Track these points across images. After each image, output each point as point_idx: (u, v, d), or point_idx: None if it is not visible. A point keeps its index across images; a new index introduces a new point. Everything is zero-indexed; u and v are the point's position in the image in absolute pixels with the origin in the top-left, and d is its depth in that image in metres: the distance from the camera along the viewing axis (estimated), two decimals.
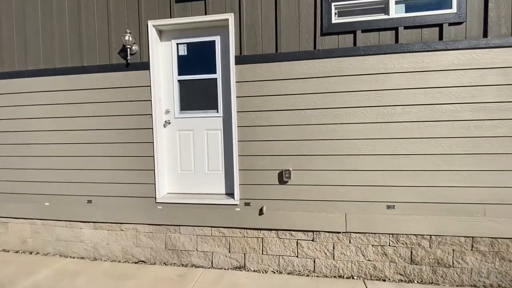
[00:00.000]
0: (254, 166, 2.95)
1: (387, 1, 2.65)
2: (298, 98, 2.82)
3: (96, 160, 3.24)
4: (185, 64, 3.19)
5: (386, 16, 2.65)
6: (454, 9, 2.55)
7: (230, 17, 2.87)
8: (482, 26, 2.55)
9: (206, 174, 3.22)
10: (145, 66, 3.08)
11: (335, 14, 2.74)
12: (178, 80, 3.21)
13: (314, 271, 2.91)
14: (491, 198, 2.61)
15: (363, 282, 2.77)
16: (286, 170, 2.86)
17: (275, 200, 2.93)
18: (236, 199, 2.98)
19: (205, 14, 2.94)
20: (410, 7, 2.67)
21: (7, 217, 3.54)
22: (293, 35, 2.81)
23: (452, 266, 2.71)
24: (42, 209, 3.41)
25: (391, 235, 2.78)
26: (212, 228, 3.07)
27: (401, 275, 2.79)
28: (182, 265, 3.12)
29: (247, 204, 2.98)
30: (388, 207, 2.75)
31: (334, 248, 2.87)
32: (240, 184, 2.98)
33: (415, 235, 2.74)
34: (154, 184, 3.13)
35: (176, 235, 3.14)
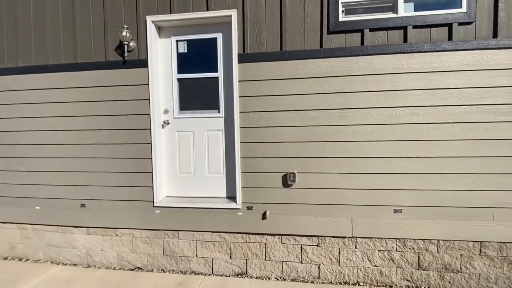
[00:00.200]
0: (257, 168, 2.84)
1: None
2: (304, 98, 2.73)
3: (90, 162, 3.08)
4: (185, 62, 3.06)
5: (394, 15, 2.58)
6: (463, 8, 2.49)
7: (233, 13, 2.76)
8: (492, 27, 2.49)
9: (206, 177, 3.09)
10: (143, 64, 2.94)
11: (342, 12, 2.65)
12: (178, 79, 3.08)
13: (319, 278, 2.82)
14: (500, 202, 2.55)
15: None
16: (290, 173, 2.76)
17: (279, 204, 2.82)
18: (238, 203, 2.87)
19: (206, 10, 2.82)
20: (418, 6, 2.60)
21: None
22: (298, 33, 2.71)
23: (460, 272, 2.65)
24: (33, 213, 3.23)
25: (398, 240, 2.70)
26: (213, 233, 2.95)
27: (408, 281, 2.71)
28: (181, 272, 2.98)
29: (250, 208, 2.87)
30: (395, 211, 2.68)
31: (339, 254, 2.78)
32: (242, 187, 2.87)
33: (422, 240, 2.67)
34: (152, 187, 2.99)
35: (174, 240, 3.00)
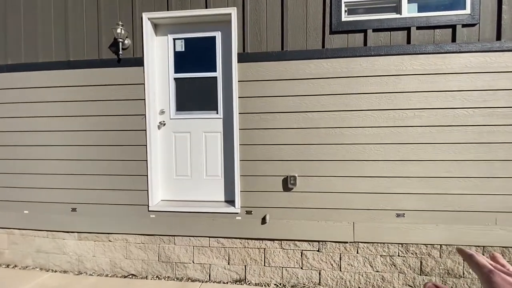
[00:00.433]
0: (256, 171, 2.76)
1: None
2: (305, 99, 2.66)
3: (82, 164, 2.95)
4: (182, 61, 2.96)
5: (398, 16, 2.53)
6: (467, 10, 2.45)
7: (233, 11, 2.68)
8: (495, 29, 2.46)
9: (204, 180, 2.99)
10: (138, 62, 2.83)
11: (345, 11, 2.59)
12: (175, 78, 2.98)
13: (320, 284, 2.74)
14: (503, 206, 2.52)
15: None
16: (291, 176, 2.68)
17: (279, 208, 2.74)
18: (237, 207, 2.77)
19: (205, 8, 2.73)
20: (422, 7, 2.56)
21: None
22: (300, 33, 2.64)
23: (462, 277, 2.61)
24: (21, 217, 3.08)
25: (400, 245, 2.65)
26: (210, 239, 2.85)
27: (410, 286, 2.66)
28: (177, 278, 2.87)
29: (249, 212, 2.78)
30: (397, 215, 2.62)
31: (341, 259, 2.71)
32: (241, 191, 2.78)
33: (425, 244, 2.62)
34: (147, 190, 2.88)
35: (170, 246, 2.89)
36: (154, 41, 2.93)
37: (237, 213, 2.78)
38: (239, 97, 2.72)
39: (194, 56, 2.94)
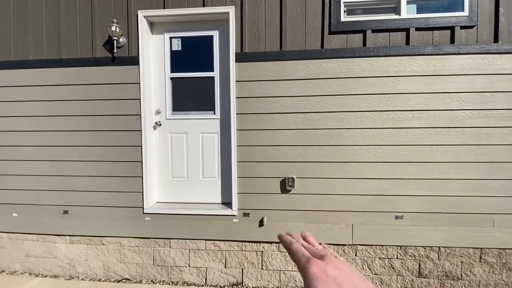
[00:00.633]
0: (254, 173, 2.71)
1: (399, 0, 2.52)
2: (304, 100, 2.62)
3: (74, 165, 2.86)
4: (179, 60, 2.90)
5: (397, 16, 2.52)
6: (466, 12, 2.46)
7: (231, 10, 2.63)
8: (493, 31, 2.47)
9: (200, 181, 2.93)
10: (133, 61, 2.76)
11: (344, 12, 2.57)
12: (171, 78, 2.91)
13: None
14: (500, 208, 2.52)
15: None
16: (289, 178, 2.64)
17: (276, 211, 2.70)
18: (234, 209, 2.72)
19: (203, 6, 2.68)
20: (421, 8, 2.56)
21: None
22: (299, 33, 2.61)
23: (461, 279, 2.60)
24: (9, 220, 2.97)
25: (398, 247, 2.63)
26: (207, 241, 2.79)
27: None
28: (172, 282, 2.80)
29: (246, 214, 2.73)
30: (396, 217, 2.60)
31: None
32: (238, 192, 2.73)
33: (423, 247, 2.61)
34: (142, 192, 2.80)
35: (165, 249, 2.82)
36: (150, 39, 2.87)
37: (234, 215, 2.73)
38: (236, 97, 2.68)
39: (191, 55, 2.89)
